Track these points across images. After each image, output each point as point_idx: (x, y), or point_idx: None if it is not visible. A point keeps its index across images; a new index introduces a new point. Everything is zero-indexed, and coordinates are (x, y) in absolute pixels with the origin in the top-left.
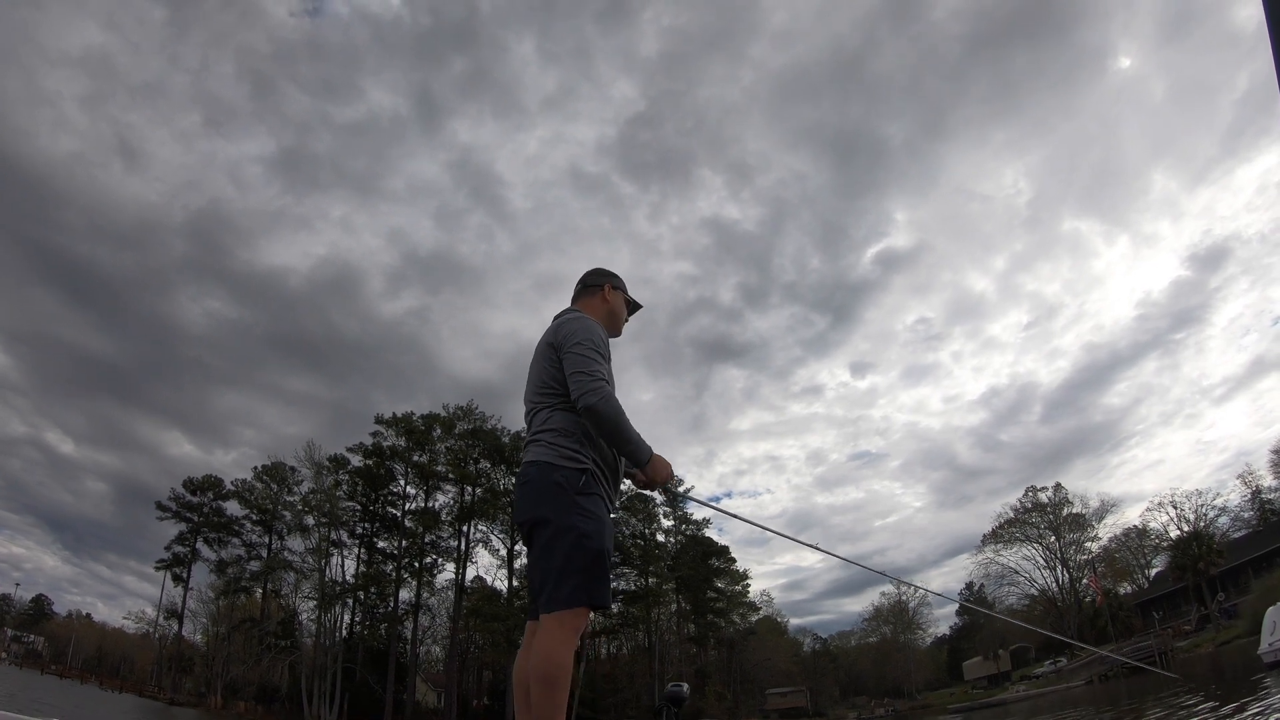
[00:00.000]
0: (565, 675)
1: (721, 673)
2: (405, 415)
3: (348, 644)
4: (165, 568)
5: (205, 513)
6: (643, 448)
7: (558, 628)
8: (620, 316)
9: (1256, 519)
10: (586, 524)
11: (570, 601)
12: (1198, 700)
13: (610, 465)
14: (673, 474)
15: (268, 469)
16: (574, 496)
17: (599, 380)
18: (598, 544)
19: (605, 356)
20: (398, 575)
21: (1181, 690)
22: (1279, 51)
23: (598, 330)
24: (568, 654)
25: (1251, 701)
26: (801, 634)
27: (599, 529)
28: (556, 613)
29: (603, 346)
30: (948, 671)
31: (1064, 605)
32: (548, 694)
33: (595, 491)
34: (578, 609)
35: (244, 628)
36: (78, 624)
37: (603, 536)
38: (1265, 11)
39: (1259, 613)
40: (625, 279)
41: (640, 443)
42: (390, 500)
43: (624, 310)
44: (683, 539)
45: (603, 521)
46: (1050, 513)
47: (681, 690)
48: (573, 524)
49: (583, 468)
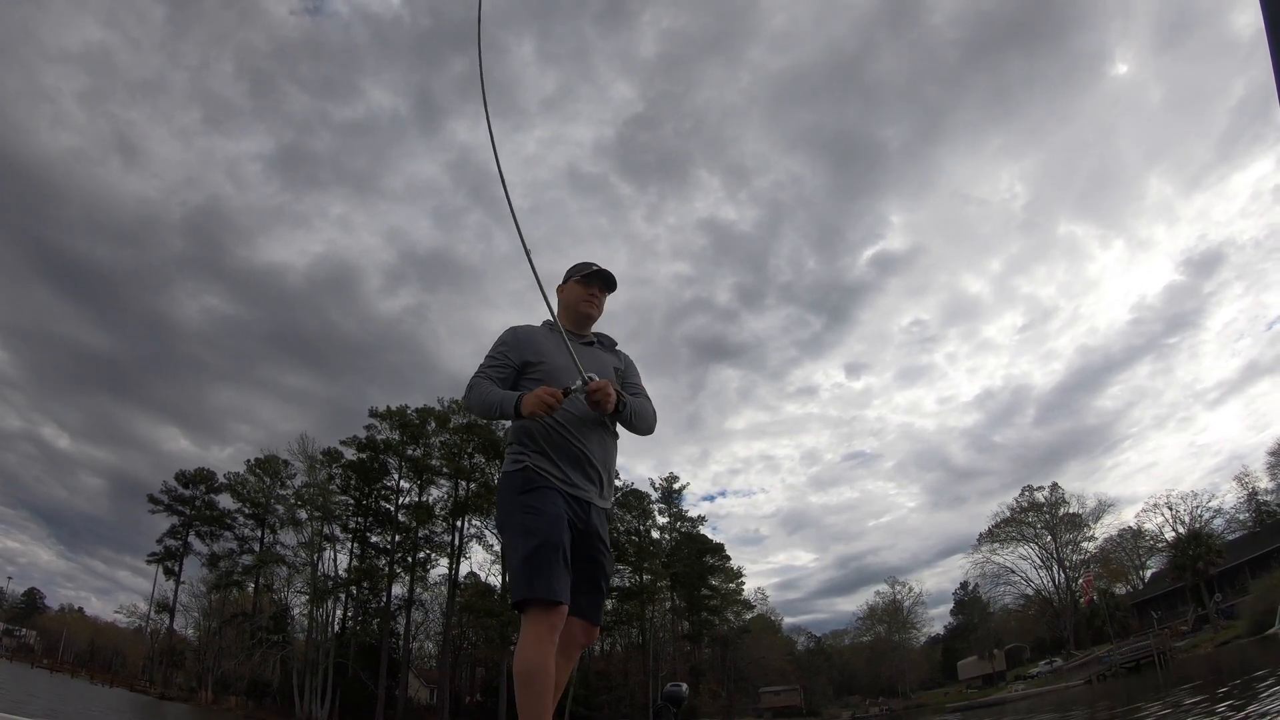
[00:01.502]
0: (538, 675)
1: (715, 671)
2: (400, 408)
3: (340, 639)
4: (157, 561)
5: (197, 506)
6: (506, 405)
7: (526, 627)
8: (576, 301)
9: (1253, 520)
10: (529, 519)
11: (517, 598)
12: (1200, 698)
13: (563, 449)
14: (551, 393)
15: (260, 462)
16: (517, 497)
17: (471, 382)
18: (542, 536)
19: (494, 357)
20: (390, 570)
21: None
22: (1276, 54)
23: (495, 340)
24: (535, 654)
25: (1250, 700)
26: (796, 633)
27: (543, 522)
28: (524, 614)
29: (493, 350)
30: (942, 671)
31: (1060, 605)
32: (522, 694)
33: (541, 484)
34: (533, 606)
35: (235, 622)
36: (70, 618)
37: (551, 527)
38: (1264, 14)
39: (1259, 612)
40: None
41: (500, 403)
42: (384, 495)
43: (579, 291)
44: (678, 536)
45: (548, 514)
46: (1047, 512)
47: (681, 690)
48: (516, 523)
49: (521, 465)
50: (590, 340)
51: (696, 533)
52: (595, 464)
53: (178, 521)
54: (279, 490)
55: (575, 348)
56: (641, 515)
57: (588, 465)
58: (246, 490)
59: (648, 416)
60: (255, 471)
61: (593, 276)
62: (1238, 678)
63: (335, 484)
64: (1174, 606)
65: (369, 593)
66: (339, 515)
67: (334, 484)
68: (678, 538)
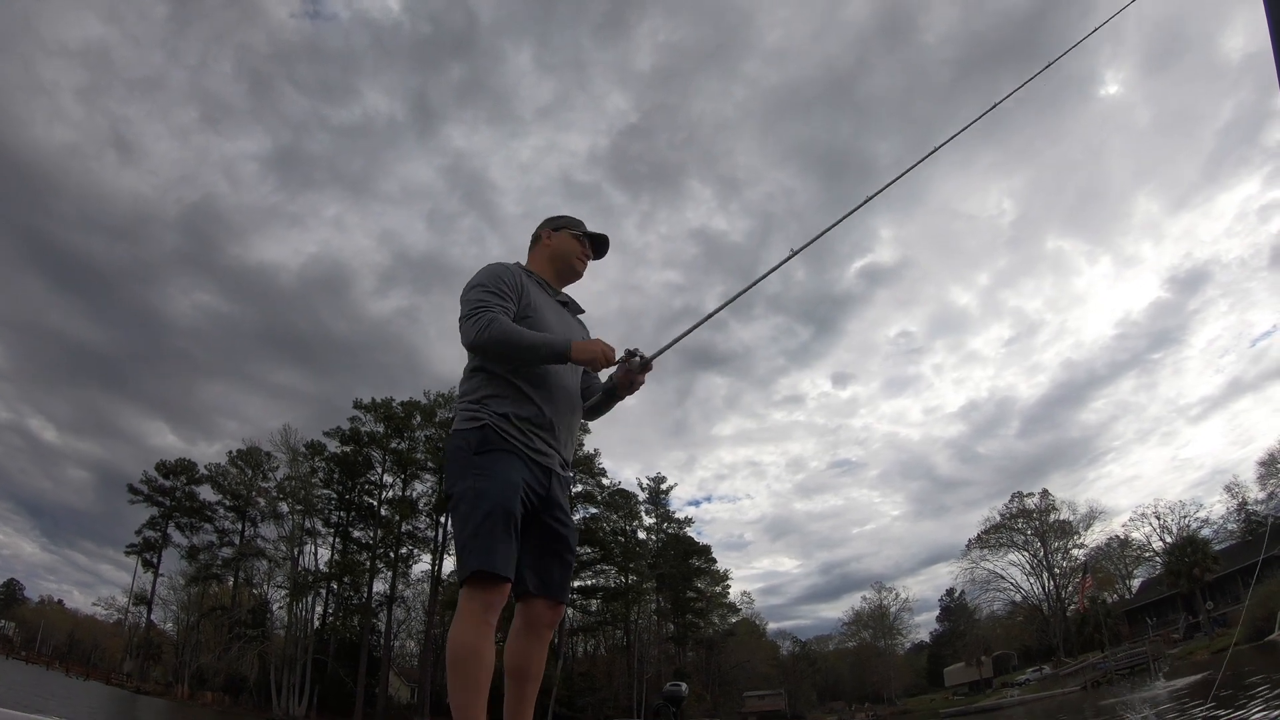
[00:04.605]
0: (471, 659)
1: (700, 674)
2: (385, 400)
3: (320, 636)
4: (136, 553)
5: (178, 497)
6: (554, 344)
7: (461, 604)
8: (568, 253)
9: (1242, 530)
10: (480, 482)
11: (462, 573)
12: (1196, 704)
13: (535, 412)
14: (611, 349)
15: (242, 454)
16: (471, 457)
17: (478, 312)
18: (491, 502)
19: (499, 291)
20: (372, 565)
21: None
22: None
23: (486, 272)
24: (471, 633)
25: (1247, 702)
26: (780, 637)
27: (496, 486)
28: (462, 588)
29: (492, 282)
30: (927, 678)
31: (1049, 612)
32: (453, 680)
33: (499, 447)
34: (472, 579)
35: (214, 616)
36: (49, 610)
37: (502, 494)
38: (1267, 14)
39: (1259, 618)
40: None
41: (546, 342)
42: (367, 489)
43: (575, 246)
44: (664, 537)
45: (503, 478)
46: (1037, 519)
47: (680, 690)
48: (467, 486)
49: (479, 424)
50: (564, 300)
51: (683, 534)
52: (560, 433)
53: (157, 512)
54: (261, 482)
55: (554, 307)
56: (628, 516)
57: (556, 432)
58: (228, 482)
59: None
60: (237, 463)
61: (593, 238)
62: (1242, 681)
63: (318, 477)
64: (1164, 615)
65: (350, 588)
66: (321, 509)
67: (317, 477)
68: (664, 539)
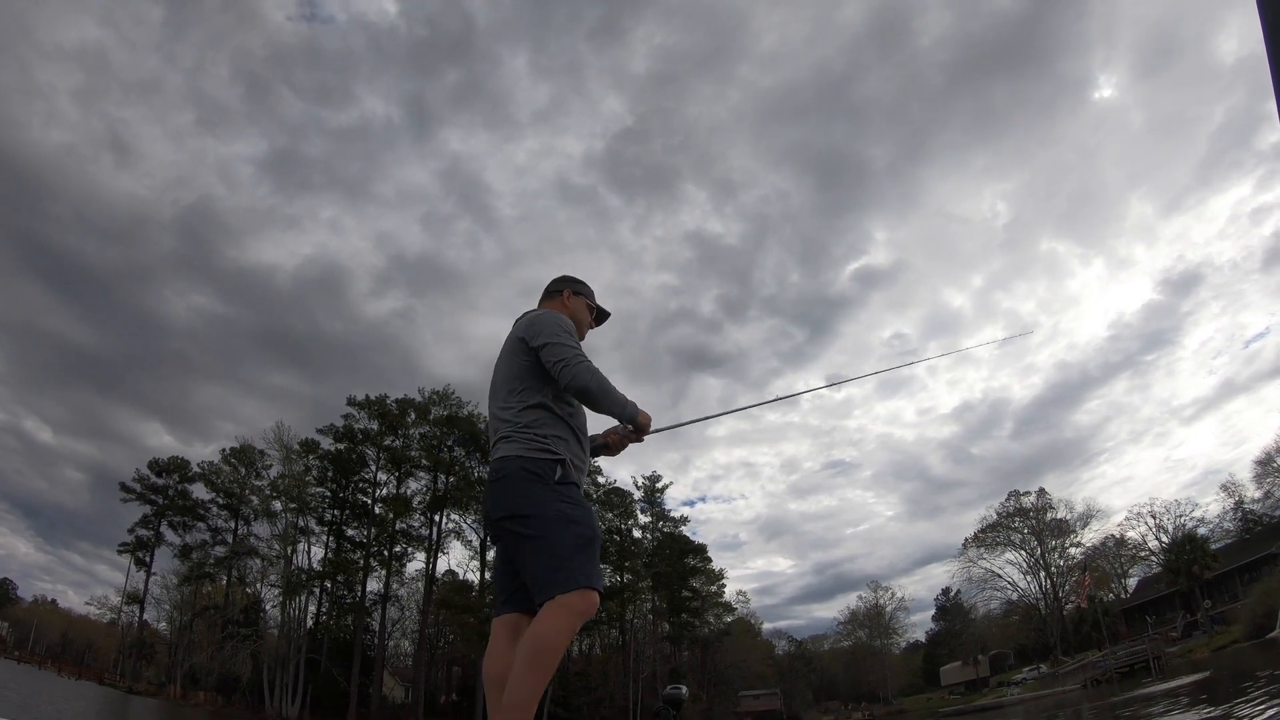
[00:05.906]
0: (554, 660)
1: (695, 673)
2: (379, 397)
3: (313, 635)
4: (128, 551)
5: (170, 495)
6: (630, 409)
7: (561, 611)
8: (581, 320)
9: (1239, 529)
10: (574, 510)
11: (569, 585)
12: (1198, 702)
13: (580, 458)
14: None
15: (236, 452)
16: (555, 485)
17: (580, 359)
18: (590, 529)
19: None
20: (366, 564)
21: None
22: (1275, 59)
23: (565, 320)
24: (564, 640)
25: (1242, 703)
26: (776, 636)
27: (588, 516)
28: (559, 597)
29: (574, 333)
30: (923, 677)
31: (1046, 611)
32: (531, 676)
33: (573, 481)
34: (582, 590)
35: (207, 615)
36: (43, 610)
37: (592, 523)
38: (1261, 17)
39: (1259, 615)
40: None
41: (628, 401)
42: (361, 487)
43: (586, 315)
44: (660, 536)
45: (589, 510)
46: (1033, 518)
47: (681, 693)
48: (561, 511)
49: (558, 458)
50: None
51: (678, 533)
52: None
53: (150, 511)
54: (254, 481)
55: None
56: (623, 514)
57: (583, 473)
58: (221, 480)
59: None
60: (230, 461)
61: (600, 313)
62: (1245, 679)
63: (312, 475)
64: (1162, 613)
65: (344, 587)
66: (314, 507)
67: (310, 475)
68: (659, 538)
